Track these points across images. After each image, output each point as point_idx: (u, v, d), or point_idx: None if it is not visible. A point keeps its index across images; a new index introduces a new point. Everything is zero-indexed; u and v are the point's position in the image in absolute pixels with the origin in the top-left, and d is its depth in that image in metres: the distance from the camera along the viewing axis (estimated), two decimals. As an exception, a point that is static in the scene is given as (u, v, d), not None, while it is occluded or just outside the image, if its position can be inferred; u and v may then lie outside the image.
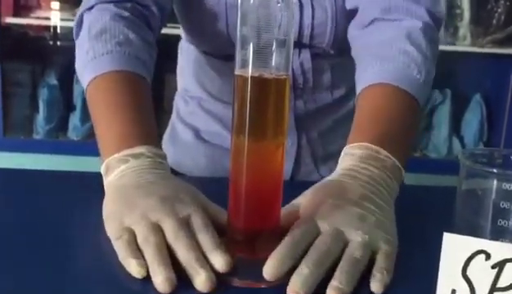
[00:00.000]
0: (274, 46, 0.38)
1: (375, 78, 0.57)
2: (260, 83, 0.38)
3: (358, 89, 0.58)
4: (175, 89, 0.85)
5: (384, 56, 0.58)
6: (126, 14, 0.60)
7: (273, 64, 0.38)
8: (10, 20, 1.84)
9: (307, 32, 0.67)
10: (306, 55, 0.70)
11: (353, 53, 0.64)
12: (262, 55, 0.38)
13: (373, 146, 0.49)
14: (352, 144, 0.51)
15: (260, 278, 0.40)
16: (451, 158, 1.93)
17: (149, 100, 0.56)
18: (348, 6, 0.66)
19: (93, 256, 0.43)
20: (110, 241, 0.43)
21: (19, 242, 0.44)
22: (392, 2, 0.62)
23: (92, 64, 0.56)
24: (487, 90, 2.00)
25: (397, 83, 0.56)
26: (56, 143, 1.89)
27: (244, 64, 0.38)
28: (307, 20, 0.66)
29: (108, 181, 0.48)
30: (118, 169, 0.48)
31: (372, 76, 0.57)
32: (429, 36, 0.61)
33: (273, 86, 0.39)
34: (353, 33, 0.65)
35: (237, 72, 0.39)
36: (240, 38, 0.38)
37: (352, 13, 0.65)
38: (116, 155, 0.48)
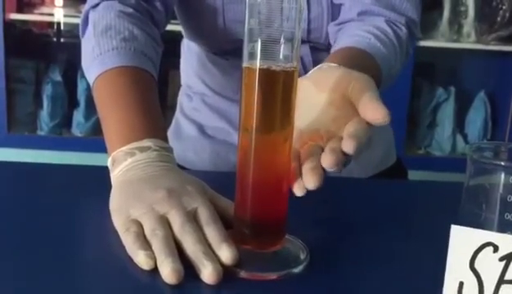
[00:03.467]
0: (282, 39, 0.38)
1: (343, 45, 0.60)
2: (268, 75, 0.38)
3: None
4: (178, 85, 0.86)
5: (352, 34, 0.62)
6: (130, 10, 0.61)
7: (281, 56, 0.38)
8: (13, 16, 1.85)
9: (303, 26, 0.68)
10: (305, 49, 0.70)
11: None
12: (269, 47, 0.38)
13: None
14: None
15: (266, 270, 0.40)
16: (454, 155, 1.93)
17: (155, 95, 0.56)
18: (335, 0, 0.68)
19: (100, 248, 0.43)
20: (117, 233, 0.43)
21: (25, 235, 0.44)
22: (369, 7, 0.65)
23: (97, 61, 0.56)
24: (492, 87, 2.00)
25: (360, 46, 0.59)
26: (59, 139, 1.90)
27: (252, 57, 0.38)
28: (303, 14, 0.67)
29: (114, 174, 0.48)
30: (124, 162, 0.48)
31: (340, 45, 0.61)
32: (402, 43, 0.64)
33: (281, 78, 0.39)
34: (330, 28, 0.68)
35: (245, 64, 0.39)
36: (248, 31, 0.38)
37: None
38: (123, 148, 0.49)
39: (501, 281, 0.32)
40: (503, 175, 0.38)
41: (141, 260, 0.39)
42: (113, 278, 0.39)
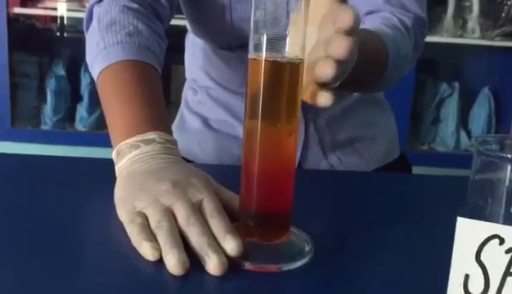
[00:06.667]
0: (288, 31, 0.38)
1: None
2: (274, 67, 0.38)
3: None
4: (182, 81, 0.86)
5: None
6: (135, 5, 0.61)
7: (287, 49, 0.38)
8: (17, 10, 1.85)
9: None
10: None
11: None
12: (275, 39, 0.38)
13: None
14: None
15: (271, 262, 0.40)
16: (458, 151, 1.93)
17: (159, 88, 0.56)
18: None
19: (105, 240, 0.43)
20: (121, 225, 0.43)
21: (30, 228, 0.45)
22: (379, 7, 0.65)
23: (102, 55, 0.57)
24: (496, 83, 1.99)
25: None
26: (63, 134, 1.90)
27: (258, 49, 0.38)
28: None
29: (119, 167, 0.49)
30: (129, 154, 0.48)
31: None
32: (407, 26, 0.64)
33: (287, 70, 0.38)
34: None
35: (251, 55, 0.39)
36: (254, 23, 0.38)
37: None
38: (127, 141, 0.49)
39: (507, 273, 0.32)
40: (509, 168, 0.38)
41: (147, 251, 0.39)
42: (118, 269, 0.39)
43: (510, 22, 1.87)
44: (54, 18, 2.01)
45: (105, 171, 0.51)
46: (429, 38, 1.82)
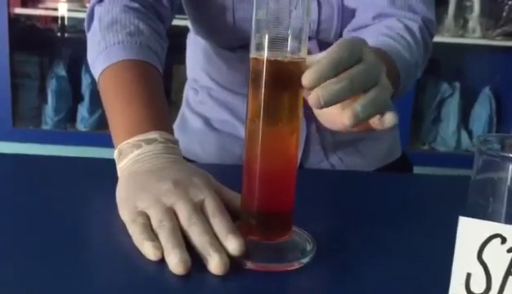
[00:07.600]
0: (290, 30, 0.38)
1: None
2: (275, 66, 0.38)
3: None
4: (182, 81, 0.86)
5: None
6: (136, 5, 0.61)
7: (288, 47, 0.38)
8: (18, 10, 1.85)
9: (312, 27, 0.68)
10: (313, 44, 0.70)
11: None
12: (277, 38, 0.38)
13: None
14: None
15: (273, 261, 0.40)
16: (459, 151, 1.93)
17: (161, 88, 0.57)
18: (349, 5, 0.68)
19: (107, 240, 0.43)
20: (123, 225, 0.43)
21: (31, 228, 0.45)
22: (385, 10, 0.65)
23: (103, 55, 0.57)
24: (497, 83, 1.99)
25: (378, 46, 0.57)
26: (64, 134, 1.90)
27: (260, 48, 0.38)
28: (313, 16, 0.67)
29: (121, 166, 0.49)
30: (131, 154, 0.48)
31: None
32: (414, 33, 0.64)
33: (289, 69, 0.38)
34: (346, 35, 0.68)
35: (252, 55, 0.39)
36: (256, 22, 0.38)
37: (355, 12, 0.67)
38: (129, 140, 0.49)
39: (509, 272, 0.32)
40: (511, 167, 0.38)
41: (149, 250, 0.39)
42: (120, 268, 0.39)
43: (511, 22, 1.87)
44: (55, 18, 2.01)
45: (106, 171, 0.51)
46: (430, 38, 1.82)
